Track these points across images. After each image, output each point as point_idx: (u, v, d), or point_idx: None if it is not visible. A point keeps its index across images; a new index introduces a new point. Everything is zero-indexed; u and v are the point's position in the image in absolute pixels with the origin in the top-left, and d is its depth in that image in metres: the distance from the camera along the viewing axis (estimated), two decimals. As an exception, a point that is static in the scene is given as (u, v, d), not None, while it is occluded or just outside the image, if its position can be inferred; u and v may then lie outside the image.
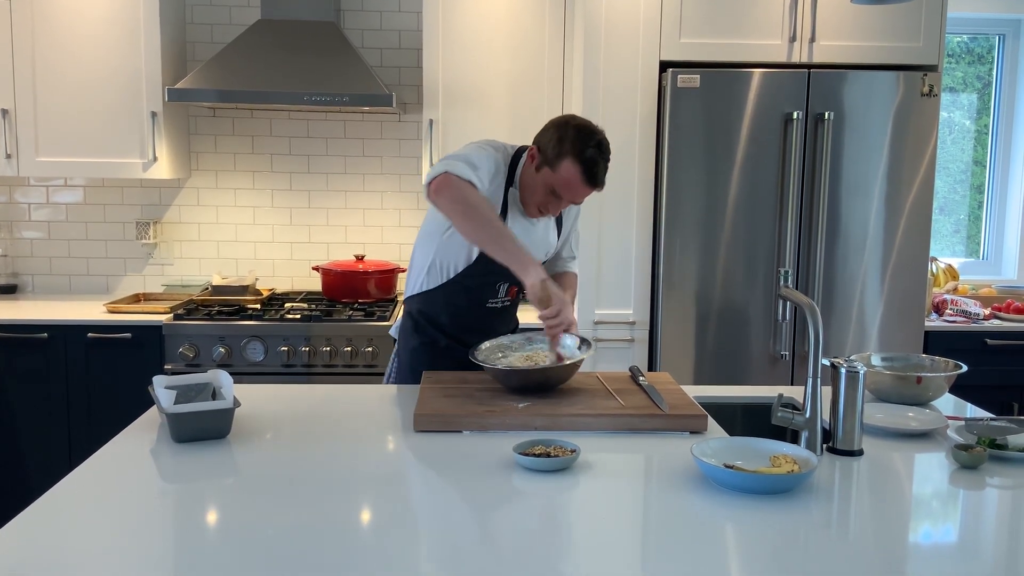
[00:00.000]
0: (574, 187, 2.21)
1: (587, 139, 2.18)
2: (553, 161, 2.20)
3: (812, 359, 1.79)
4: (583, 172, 2.18)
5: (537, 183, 2.26)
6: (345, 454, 1.79)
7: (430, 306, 2.43)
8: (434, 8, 3.61)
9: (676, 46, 3.33)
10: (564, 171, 2.19)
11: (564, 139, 2.19)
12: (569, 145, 2.18)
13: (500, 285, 2.40)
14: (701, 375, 3.38)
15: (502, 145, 2.38)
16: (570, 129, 2.20)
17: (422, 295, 2.44)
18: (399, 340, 2.55)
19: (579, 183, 2.20)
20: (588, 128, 2.21)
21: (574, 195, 2.25)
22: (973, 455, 1.74)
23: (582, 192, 2.24)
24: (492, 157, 2.28)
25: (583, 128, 2.21)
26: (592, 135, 2.19)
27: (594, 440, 1.88)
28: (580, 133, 2.19)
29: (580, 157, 2.17)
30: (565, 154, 2.18)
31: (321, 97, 3.46)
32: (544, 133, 2.26)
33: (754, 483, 1.56)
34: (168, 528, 1.43)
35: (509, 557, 1.32)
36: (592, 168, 2.18)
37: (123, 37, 3.60)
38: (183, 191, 4.05)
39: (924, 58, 3.37)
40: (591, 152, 2.17)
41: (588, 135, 2.19)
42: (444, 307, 2.41)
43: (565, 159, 2.18)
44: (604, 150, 2.21)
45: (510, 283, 2.41)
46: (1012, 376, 3.58)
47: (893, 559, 1.35)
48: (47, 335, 3.42)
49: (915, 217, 3.37)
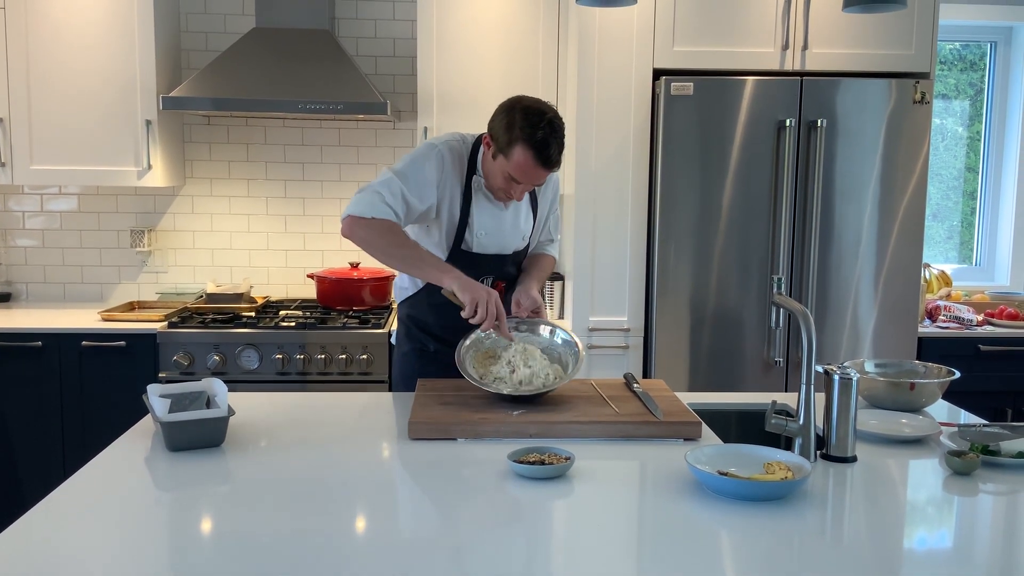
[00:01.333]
0: (529, 171, 2.18)
1: (536, 121, 2.12)
2: (505, 148, 2.17)
3: (805, 366, 1.79)
4: (535, 155, 2.14)
5: (495, 170, 2.24)
6: (340, 462, 1.79)
7: (417, 310, 2.43)
8: (428, 16, 3.62)
9: (670, 54, 3.34)
10: (516, 156, 2.15)
11: (513, 124, 2.15)
12: (518, 130, 2.13)
13: (484, 279, 2.38)
14: (695, 382, 3.39)
15: (459, 136, 2.36)
16: (517, 113, 2.15)
17: (409, 299, 2.45)
18: (395, 347, 2.56)
19: (533, 167, 2.16)
20: (535, 109, 2.15)
21: (531, 179, 2.21)
22: (966, 461, 1.74)
23: (538, 175, 2.20)
24: (426, 165, 2.25)
25: (530, 109, 2.15)
26: (540, 115, 2.13)
27: (589, 447, 1.88)
28: (528, 115, 2.13)
29: (531, 140, 2.12)
30: (515, 140, 2.14)
31: (316, 105, 3.47)
32: (494, 119, 2.22)
33: (748, 490, 1.57)
34: (162, 536, 1.42)
35: (504, 565, 1.32)
36: (544, 150, 2.13)
37: (118, 45, 3.60)
38: (177, 199, 4.05)
39: (916, 65, 3.39)
40: (541, 133, 2.12)
41: (536, 116, 2.13)
42: (429, 309, 2.40)
43: (516, 145, 2.14)
44: (556, 129, 2.15)
45: (495, 278, 2.41)
46: (1005, 382, 3.59)
47: (887, 565, 1.35)
48: (41, 343, 3.42)
49: (908, 223, 3.39)
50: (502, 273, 2.43)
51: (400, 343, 2.51)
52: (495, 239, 2.36)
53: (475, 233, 2.33)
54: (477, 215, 2.31)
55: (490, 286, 2.40)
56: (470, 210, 2.31)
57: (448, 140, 2.34)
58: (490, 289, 2.14)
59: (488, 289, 2.13)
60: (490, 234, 2.35)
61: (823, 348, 3.41)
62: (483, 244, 2.35)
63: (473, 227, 2.33)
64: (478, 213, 2.32)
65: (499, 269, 2.41)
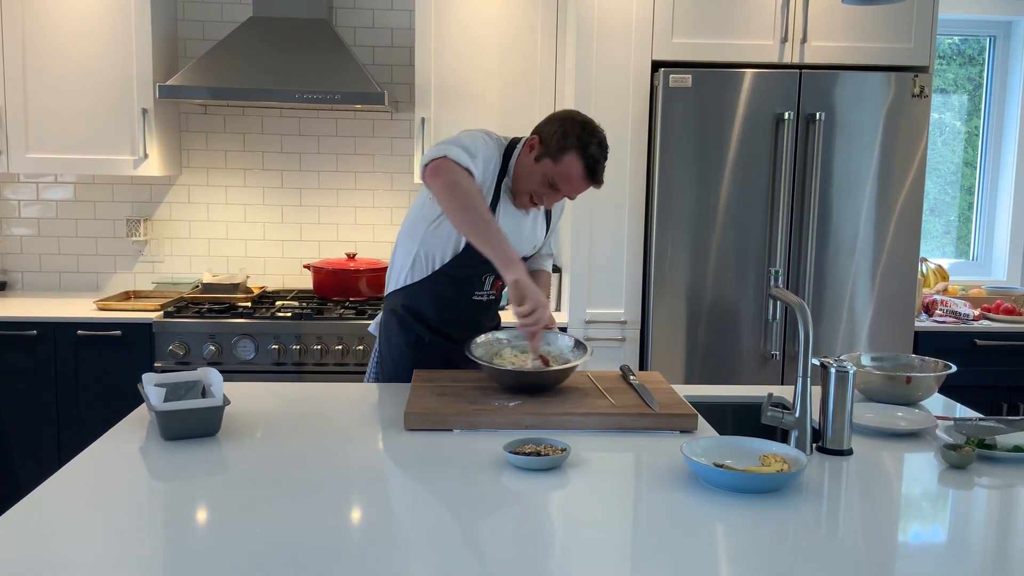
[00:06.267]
0: (574, 181, 2.24)
1: (591, 136, 2.21)
2: (556, 153, 2.22)
3: (802, 359, 1.79)
4: (585, 167, 2.21)
5: (535, 173, 2.26)
6: (335, 452, 1.78)
7: (415, 300, 2.40)
8: (426, 6, 3.61)
9: (668, 46, 3.33)
10: (566, 164, 2.21)
11: (569, 133, 2.21)
12: (574, 139, 2.20)
13: (486, 277, 2.39)
14: (692, 374, 3.39)
15: (496, 136, 2.39)
16: (575, 124, 2.23)
17: (406, 289, 2.41)
18: (380, 338, 2.51)
19: (580, 178, 2.23)
20: (592, 125, 2.25)
21: (572, 189, 2.26)
22: (962, 455, 1.75)
23: (581, 187, 2.26)
24: (488, 146, 2.29)
25: (587, 124, 2.24)
26: (596, 132, 2.23)
27: (585, 439, 1.88)
28: (585, 129, 2.22)
29: (584, 152, 2.20)
30: (569, 148, 2.20)
31: (313, 95, 3.45)
32: (547, 125, 2.27)
33: (744, 482, 1.57)
34: (157, 526, 1.42)
35: (499, 556, 1.32)
36: (594, 165, 2.22)
37: (114, 33, 3.59)
38: (174, 188, 4.03)
39: (915, 59, 3.39)
40: (594, 149, 2.21)
41: (592, 132, 2.22)
42: (430, 300, 2.38)
43: (569, 152, 2.20)
44: (605, 149, 2.25)
45: (495, 276, 2.40)
46: (1001, 376, 3.59)
47: (882, 558, 1.35)
48: (36, 332, 3.41)
49: (905, 218, 3.39)
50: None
51: (391, 335, 2.46)
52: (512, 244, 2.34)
53: None
54: (502, 217, 2.32)
55: (489, 284, 2.41)
56: (496, 210, 2.31)
57: (492, 135, 2.36)
58: (543, 298, 2.09)
59: (542, 297, 2.08)
60: (508, 237, 2.33)
61: (820, 341, 3.41)
62: None
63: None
64: (503, 214, 2.33)
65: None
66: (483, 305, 2.44)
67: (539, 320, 2.06)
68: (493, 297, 2.45)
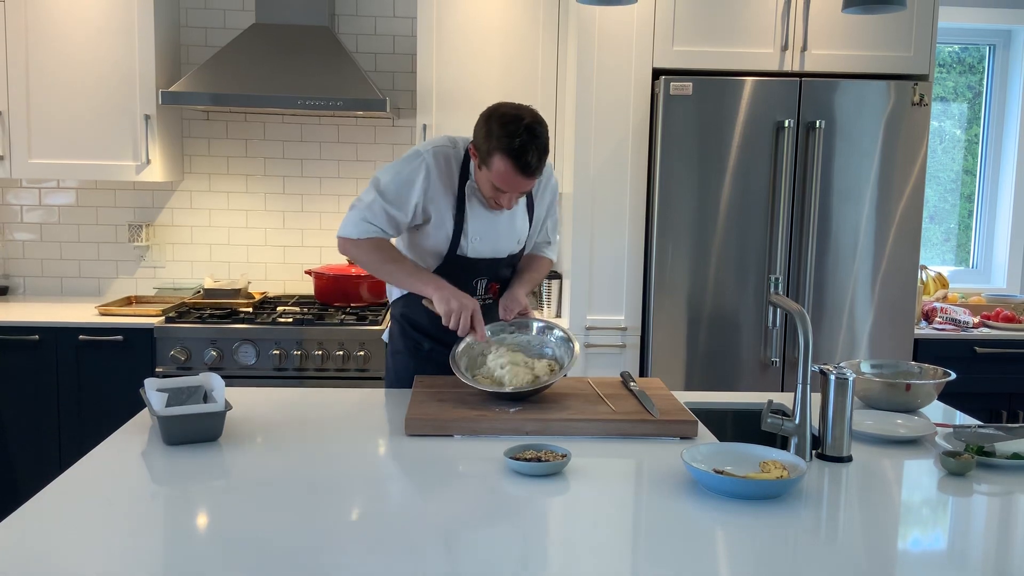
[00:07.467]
0: (510, 180, 2.12)
1: (512, 129, 2.06)
2: (485, 158, 2.13)
3: (802, 365, 1.79)
4: (514, 164, 2.08)
5: (482, 180, 2.21)
6: (336, 458, 1.79)
7: (411, 308, 2.41)
8: (428, 13, 3.62)
9: (669, 53, 3.35)
10: (496, 166, 2.11)
11: (491, 134, 2.09)
12: (495, 140, 2.08)
13: (478, 281, 2.39)
14: (692, 381, 3.39)
15: (450, 141, 2.32)
16: (494, 122, 2.10)
17: (404, 298, 2.44)
18: (388, 345, 2.56)
19: (513, 175, 2.10)
20: (512, 115, 2.09)
21: (514, 187, 2.15)
22: (961, 462, 1.75)
23: (519, 183, 2.13)
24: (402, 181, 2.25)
25: (506, 116, 2.09)
26: (517, 122, 2.07)
27: (585, 445, 1.88)
28: (504, 124, 2.08)
29: (508, 149, 2.06)
30: (493, 150, 2.09)
31: (315, 101, 3.46)
32: (476, 130, 2.18)
33: (743, 488, 1.57)
34: (158, 530, 1.43)
35: (499, 562, 1.33)
36: (522, 158, 2.07)
37: (117, 39, 3.60)
38: (176, 194, 4.04)
39: (915, 67, 3.40)
40: (519, 141, 2.06)
41: (513, 124, 2.07)
42: (423, 308, 2.37)
43: (494, 155, 2.09)
44: (535, 135, 2.08)
45: (489, 279, 2.41)
46: (1001, 384, 3.59)
47: (881, 565, 1.36)
48: (38, 337, 3.41)
49: (905, 225, 3.39)
50: (496, 275, 2.42)
51: (394, 341, 2.50)
52: (489, 243, 2.35)
53: (469, 238, 2.31)
54: (471, 220, 2.29)
55: (484, 288, 2.41)
56: (464, 215, 2.29)
57: (436, 146, 2.30)
58: (466, 299, 2.15)
59: (464, 299, 2.15)
60: (484, 239, 2.33)
61: (820, 348, 3.42)
62: (477, 249, 2.33)
63: (468, 232, 2.30)
64: (472, 218, 2.30)
65: (493, 272, 2.40)
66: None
67: (461, 322, 2.14)
68: (490, 301, 2.44)
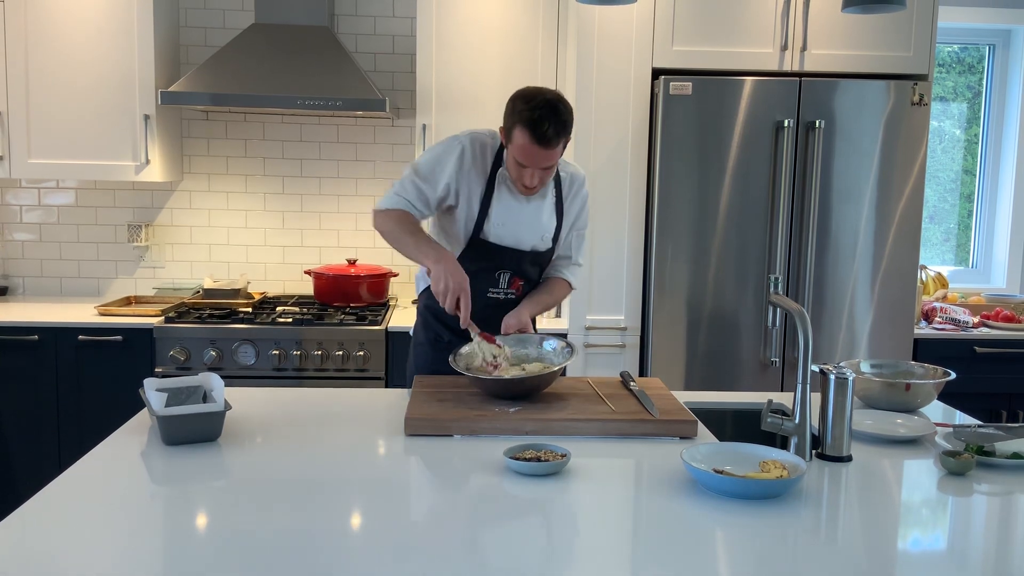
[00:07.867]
0: (528, 152, 2.20)
1: (531, 102, 2.17)
2: (508, 134, 2.24)
3: (802, 365, 1.79)
4: (531, 134, 2.16)
5: (509, 160, 2.30)
6: (336, 458, 1.79)
7: (434, 300, 2.41)
8: (428, 14, 3.62)
9: (669, 53, 3.35)
10: (516, 139, 2.21)
11: (513, 110, 2.21)
12: (516, 114, 2.19)
13: (501, 274, 2.41)
14: (692, 381, 3.39)
15: (491, 132, 2.41)
16: (517, 100, 2.22)
17: (428, 290, 2.48)
18: (412, 338, 2.61)
19: (530, 145, 2.18)
20: (533, 91, 2.22)
21: (532, 160, 2.22)
22: (961, 462, 1.75)
23: (537, 155, 2.20)
24: (436, 160, 2.36)
25: (527, 93, 2.21)
26: (537, 96, 2.19)
27: (585, 445, 1.88)
28: (524, 98, 2.20)
29: (526, 121, 2.16)
30: (514, 124, 2.20)
31: (314, 101, 3.46)
32: (504, 113, 2.28)
33: (743, 488, 1.57)
34: (158, 531, 1.43)
35: (499, 561, 1.33)
36: (538, 127, 2.15)
37: (116, 39, 3.60)
38: (175, 194, 4.04)
39: (915, 67, 3.40)
40: (538, 113, 2.15)
41: (532, 97, 2.19)
42: None
43: (515, 128, 2.20)
44: (554, 108, 2.17)
45: (512, 273, 2.42)
46: (1000, 384, 3.59)
47: (881, 565, 1.36)
48: (37, 337, 3.41)
49: (905, 225, 3.39)
50: (519, 270, 2.43)
51: (416, 334, 2.57)
52: (511, 230, 2.39)
53: (492, 222, 2.37)
54: (496, 204, 2.36)
55: (507, 282, 2.44)
56: (491, 200, 2.36)
57: (476, 133, 2.40)
58: (461, 278, 2.17)
59: (459, 278, 2.17)
60: (506, 225, 2.38)
61: (819, 348, 3.42)
62: (499, 235, 2.38)
63: (491, 217, 2.37)
64: (498, 203, 2.37)
65: (516, 265, 2.42)
66: (500, 304, 2.43)
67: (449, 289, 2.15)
68: (512, 296, 2.44)
